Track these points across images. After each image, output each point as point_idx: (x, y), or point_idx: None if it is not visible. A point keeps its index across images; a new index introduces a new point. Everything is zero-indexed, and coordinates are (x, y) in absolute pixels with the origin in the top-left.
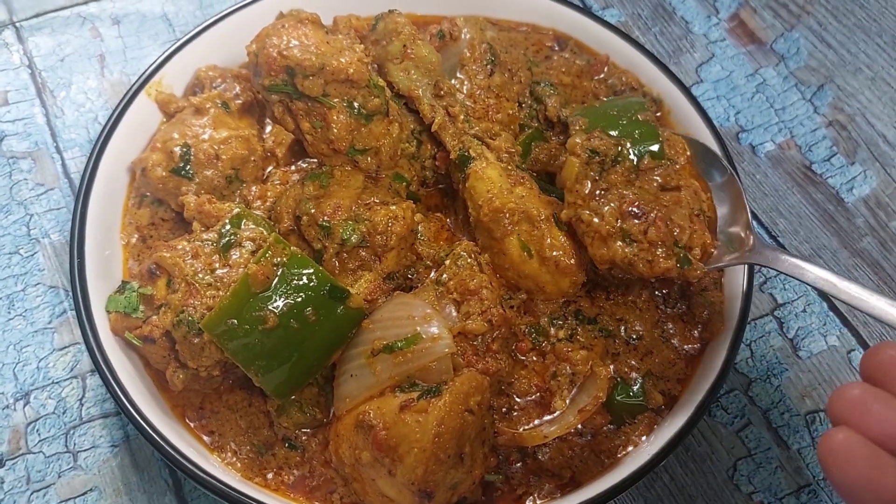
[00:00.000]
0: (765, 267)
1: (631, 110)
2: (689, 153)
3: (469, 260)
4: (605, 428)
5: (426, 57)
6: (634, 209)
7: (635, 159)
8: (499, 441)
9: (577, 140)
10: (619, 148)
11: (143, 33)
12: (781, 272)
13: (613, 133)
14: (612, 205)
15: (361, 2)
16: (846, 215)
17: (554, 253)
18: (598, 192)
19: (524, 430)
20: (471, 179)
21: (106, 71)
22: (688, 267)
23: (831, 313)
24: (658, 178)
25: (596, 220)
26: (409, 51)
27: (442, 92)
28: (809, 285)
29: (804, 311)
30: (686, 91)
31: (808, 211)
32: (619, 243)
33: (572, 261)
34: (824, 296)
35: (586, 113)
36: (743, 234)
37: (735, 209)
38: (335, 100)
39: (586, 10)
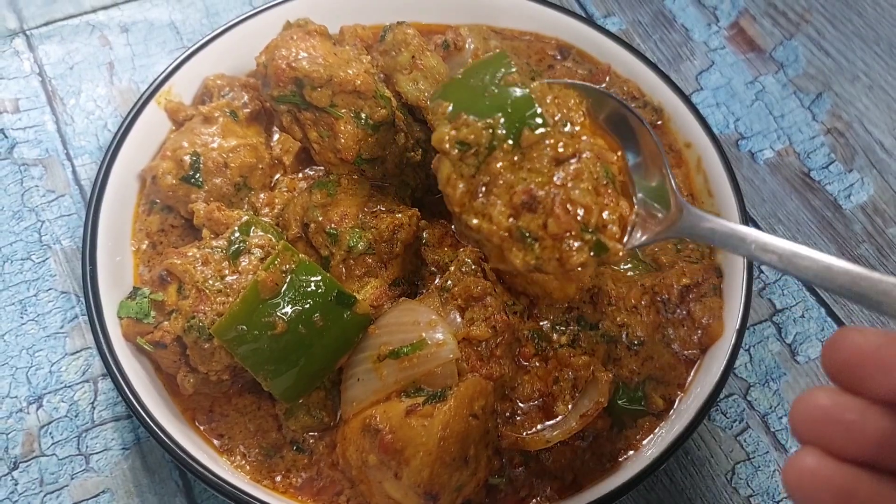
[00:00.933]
0: (693, 240)
1: (495, 73)
2: (585, 107)
3: (473, 266)
4: (606, 432)
5: (434, 67)
6: (526, 199)
7: (513, 137)
8: (502, 444)
9: (444, 132)
10: (492, 130)
11: (151, 41)
12: (715, 245)
13: (482, 111)
14: (499, 201)
15: (366, 11)
16: (844, 222)
17: None
18: (479, 189)
19: (527, 434)
20: None
21: (115, 78)
22: (604, 254)
23: (829, 319)
24: (548, 150)
25: (485, 224)
26: (417, 61)
27: None
28: (750, 258)
29: (802, 316)
30: (686, 99)
31: (806, 217)
32: (515, 250)
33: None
34: (823, 302)
35: (446, 93)
36: (667, 198)
37: (652, 167)
38: (342, 110)
39: (589, 20)
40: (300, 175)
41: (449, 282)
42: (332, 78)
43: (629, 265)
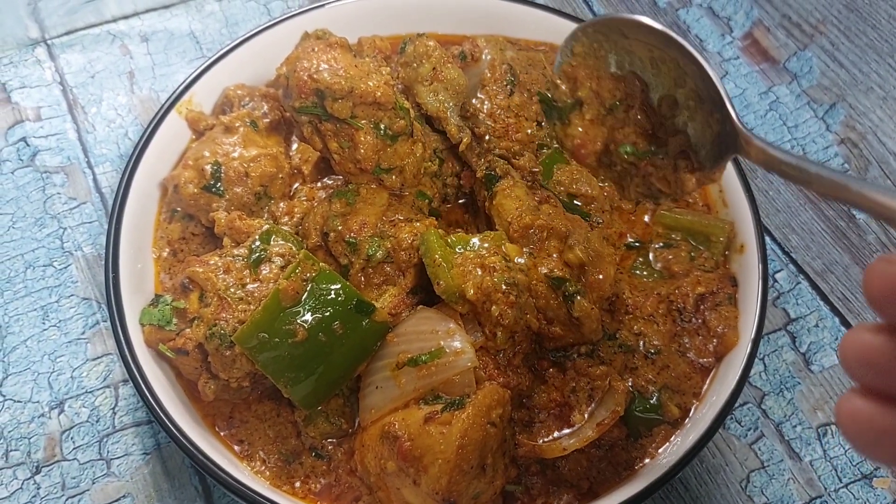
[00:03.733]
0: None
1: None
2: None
3: None
4: (622, 440)
5: (455, 79)
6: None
7: None
8: (519, 452)
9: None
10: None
11: (171, 50)
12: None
13: None
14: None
15: (383, 22)
16: (858, 232)
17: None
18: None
19: (543, 442)
20: (498, 197)
21: (135, 87)
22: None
23: (843, 328)
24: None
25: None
26: (438, 73)
27: (468, 113)
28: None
29: (816, 325)
30: None
31: (820, 227)
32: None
33: (601, 276)
34: (836, 311)
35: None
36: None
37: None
38: (363, 121)
39: None
40: (319, 184)
41: None
42: (353, 90)
43: (645, 272)
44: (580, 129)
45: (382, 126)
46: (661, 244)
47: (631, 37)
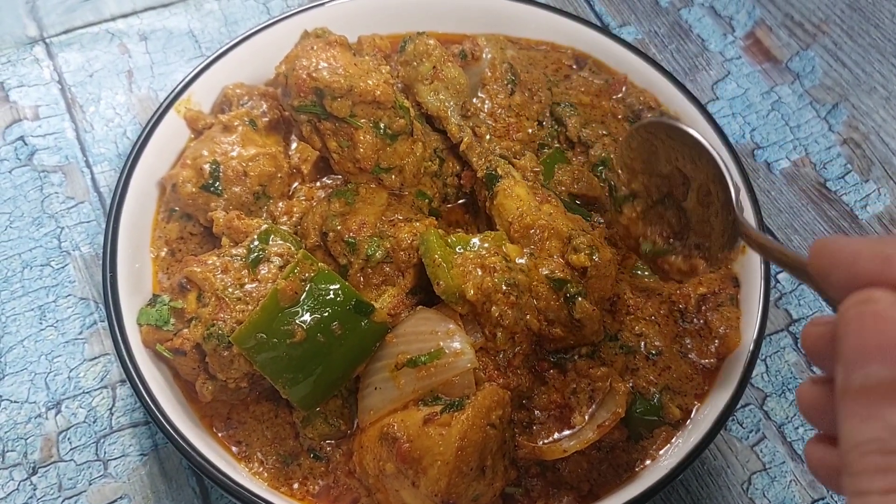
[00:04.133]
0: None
1: None
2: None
3: None
4: (622, 442)
5: (455, 78)
6: None
7: None
8: (519, 454)
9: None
10: None
11: (170, 49)
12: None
13: None
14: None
15: (383, 21)
16: (860, 232)
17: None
18: None
19: (544, 444)
20: (499, 197)
21: (134, 86)
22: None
23: None
24: None
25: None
26: (439, 72)
27: (469, 112)
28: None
29: None
30: (702, 109)
31: (822, 228)
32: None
33: (602, 277)
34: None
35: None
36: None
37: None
38: (362, 120)
39: (604, 29)
40: (318, 184)
41: None
42: (352, 88)
43: (646, 272)
44: (630, 219)
45: (382, 125)
46: None
47: (673, 136)
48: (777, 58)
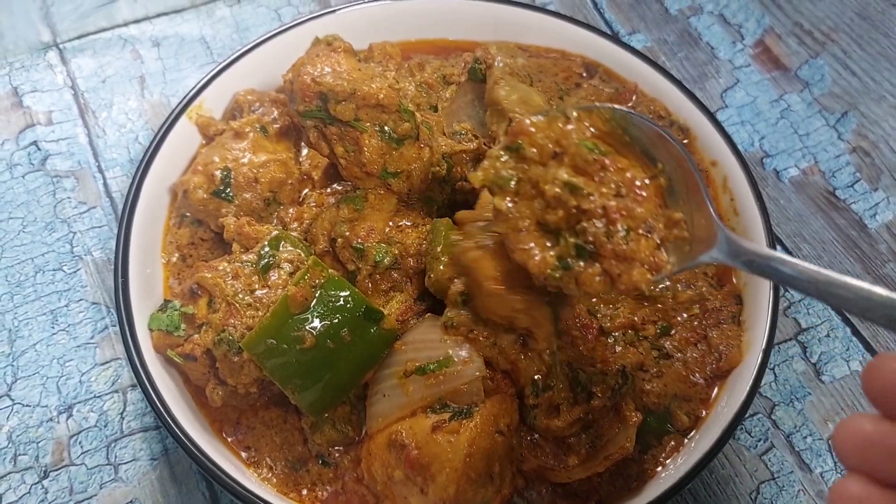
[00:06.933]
0: (731, 265)
1: None
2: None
3: None
4: (631, 452)
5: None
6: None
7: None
8: (524, 467)
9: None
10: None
11: (182, 55)
12: (751, 273)
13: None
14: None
15: (394, 28)
16: (869, 241)
17: None
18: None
19: (548, 467)
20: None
21: (146, 92)
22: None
23: (854, 338)
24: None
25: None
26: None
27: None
28: (786, 286)
29: (827, 335)
30: (712, 118)
31: (831, 236)
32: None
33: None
34: (848, 321)
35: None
36: (701, 223)
37: (686, 189)
38: (367, 124)
39: (614, 37)
40: (328, 190)
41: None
42: (356, 92)
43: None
44: None
45: (387, 129)
46: None
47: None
48: (786, 66)
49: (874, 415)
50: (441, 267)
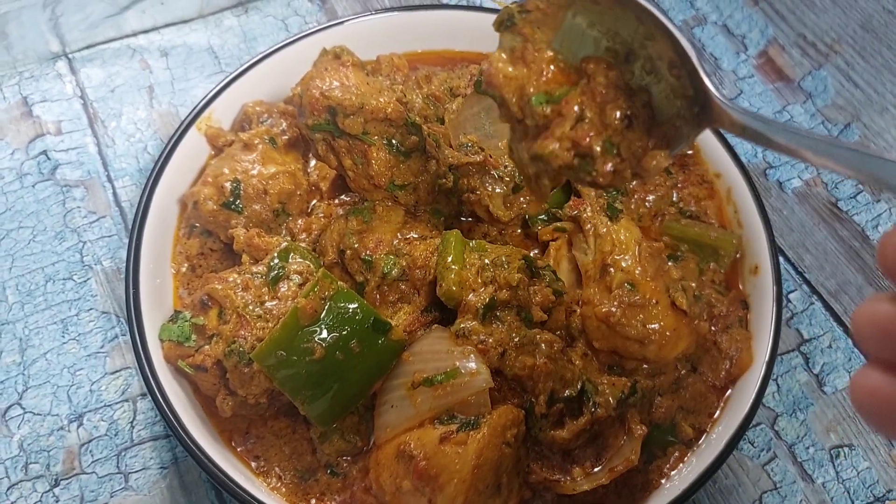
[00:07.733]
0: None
1: None
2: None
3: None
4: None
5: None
6: None
7: None
8: (530, 479)
9: None
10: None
11: (190, 65)
12: (744, 139)
13: None
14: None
15: (400, 39)
16: (872, 252)
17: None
18: None
19: (554, 479)
20: (622, 228)
21: (155, 102)
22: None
23: (856, 350)
24: None
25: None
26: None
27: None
28: (779, 152)
29: (830, 346)
30: (715, 129)
31: (834, 247)
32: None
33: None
34: (850, 332)
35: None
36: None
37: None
38: (374, 137)
39: None
40: (337, 201)
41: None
42: (364, 106)
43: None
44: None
45: (395, 142)
46: (668, 256)
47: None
48: (790, 77)
49: (893, 293)
50: (452, 276)
